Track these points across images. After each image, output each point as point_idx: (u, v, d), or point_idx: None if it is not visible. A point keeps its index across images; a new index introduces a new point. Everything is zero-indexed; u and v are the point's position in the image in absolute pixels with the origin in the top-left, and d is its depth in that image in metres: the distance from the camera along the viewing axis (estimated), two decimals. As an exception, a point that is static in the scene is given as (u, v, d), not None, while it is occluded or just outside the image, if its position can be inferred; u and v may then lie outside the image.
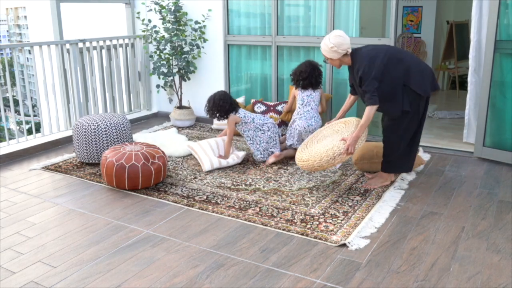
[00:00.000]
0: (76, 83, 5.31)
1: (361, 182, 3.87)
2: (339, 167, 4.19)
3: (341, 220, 3.19)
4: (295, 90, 4.62)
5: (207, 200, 3.55)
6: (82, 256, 2.78)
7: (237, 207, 3.43)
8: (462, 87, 8.06)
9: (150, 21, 5.82)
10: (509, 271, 2.58)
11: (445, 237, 2.97)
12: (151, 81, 6.42)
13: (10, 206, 3.52)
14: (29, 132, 9.72)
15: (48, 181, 4.03)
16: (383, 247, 2.86)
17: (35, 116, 10.77)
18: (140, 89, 6.35)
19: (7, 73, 4.82)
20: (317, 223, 3.15)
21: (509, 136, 4.27)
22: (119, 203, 3.55)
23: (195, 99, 6.05)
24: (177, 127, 5.77)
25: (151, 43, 5.96)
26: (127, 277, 2.56)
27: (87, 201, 3.60)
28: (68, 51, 5.23)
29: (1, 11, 51.29)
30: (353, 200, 3.52)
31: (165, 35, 5.75)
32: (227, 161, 4.25)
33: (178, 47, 5.67)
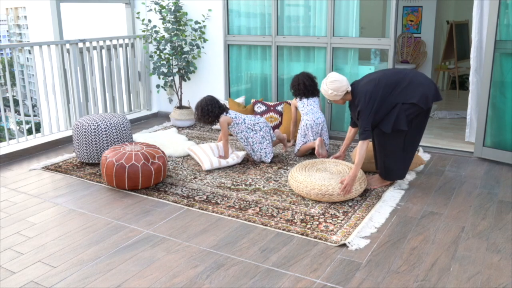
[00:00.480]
0: (76, 83, 5.31)
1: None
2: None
3: (341, 220, 3.19)
4: (294, 101, 4.71)
5: (207, 200, 3.55)
6: (82, 256, 2.78)
7: (237, 207, 3.43)
8: (462, 87, 8.06)
9: (150, 21, 5.82)
10: (509, 271, 2.58)
11: (445, 237, 2.97)
12: (151, 81, 6.42)
13: (10, 206, 3.52)
14: (29, 132, 9.73)
15: (48, 181, 4.03)
16: (383, 247, 2.86)
17: (35, 116, 10.77)
18: (140, 89, 6.35)
19: (7, 73, 4.82)
20: (317, 223, 3.16)
21: (509, 136, 4.27)
22: (119, 203, 3.55)
23: (195, 99, 5.97)
24: (177, 127, 5.77)
25: (151, 43, 5.96)
26: (127, 277, 2.56)
27: (87, 201, 3.60)
28: (68, 51, 5.23)
29: (1, 11, 51.30)
30: (353, 200, 3.52)
31: (165, 35, 5.75)
32: (227, 161, 4.26)
33: (178, 47, 5.67)
